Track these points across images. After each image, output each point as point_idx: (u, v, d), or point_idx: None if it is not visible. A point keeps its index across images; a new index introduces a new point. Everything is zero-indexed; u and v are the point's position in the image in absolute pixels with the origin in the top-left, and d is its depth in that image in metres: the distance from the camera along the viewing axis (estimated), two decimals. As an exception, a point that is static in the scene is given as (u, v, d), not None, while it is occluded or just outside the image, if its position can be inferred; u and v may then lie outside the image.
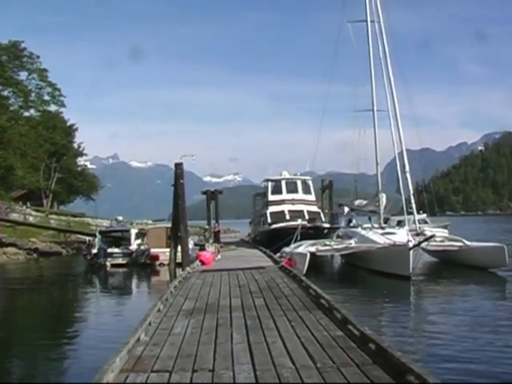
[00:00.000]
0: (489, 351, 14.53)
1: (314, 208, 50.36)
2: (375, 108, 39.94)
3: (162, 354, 10.60)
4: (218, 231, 39.84)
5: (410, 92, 44.37)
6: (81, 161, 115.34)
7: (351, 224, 41.29)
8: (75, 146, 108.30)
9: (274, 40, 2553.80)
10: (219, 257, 34.41)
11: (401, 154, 38.69)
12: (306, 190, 51.30)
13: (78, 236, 65.79)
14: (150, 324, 13.29)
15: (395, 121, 38.47)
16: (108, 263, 43.00)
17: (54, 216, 78.00)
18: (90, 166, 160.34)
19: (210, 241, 42.08)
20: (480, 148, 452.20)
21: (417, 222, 38.11)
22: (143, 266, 42.16)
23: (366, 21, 40.58)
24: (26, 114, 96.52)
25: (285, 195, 50.32)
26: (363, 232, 36.68)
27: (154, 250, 42.44)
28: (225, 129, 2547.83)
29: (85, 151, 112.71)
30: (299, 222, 41.51)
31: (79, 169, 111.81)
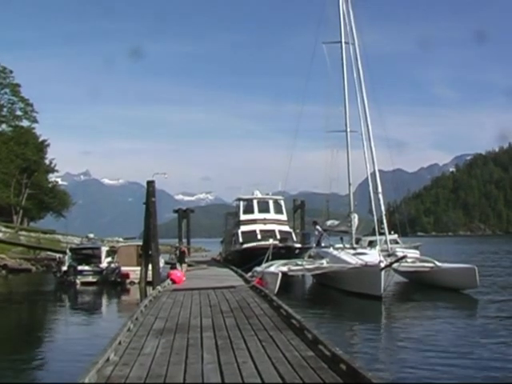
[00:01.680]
0: (459, 372, 14.59)
1: (286, 228, 50.27)
2: (348, 129, 40.08)
3: (131, 374, 10.53)
4: (183, 251, 39.49)
5: (382, 113, 44.52)
6: (52, 177, 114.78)
7: (322, 244, 41.29)
8: (47, 162, 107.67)
9: (249, 60, 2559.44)
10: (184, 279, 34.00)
11: (373, 174, 38.89)
12: (278, 210, 51.21)
13: (48, 253, 65.29)
14: (119, 343, 13.20)
15: (368, 142, 38.71)
16: (78, 281, 42.70)
17: (23, 232, 77.43)
18: (61, 182, 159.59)
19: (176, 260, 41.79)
20: (451, 169, 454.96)
21: (388, 243, 38.27)
22: (113, 284, 41.88)
23: (341, 42, 40.79)
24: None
25: (256, 215, 50.19)
26: (335, 252, 36.69)
27: (124, 268, 42.10)
28: (197, 147, 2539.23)
29: (56, 167, 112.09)
30: (271, 241, 41.42)
31: (50, 185, 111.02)
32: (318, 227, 43.29)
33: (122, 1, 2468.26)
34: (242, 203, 51.65)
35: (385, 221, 38.33)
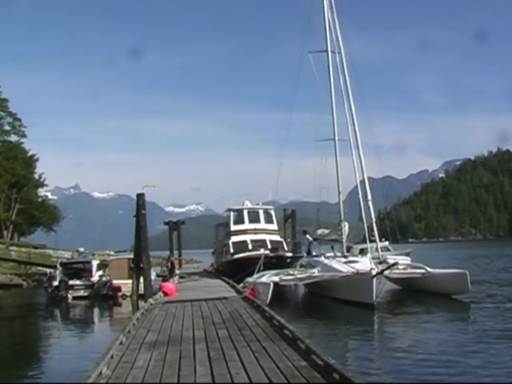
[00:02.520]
0: (453, 378, 14.61)
1: (277, 237, 50.15)
2: (336, 137, 40.14)
3: (124, 387, 10.48)
4: (173, 263, 39.42)
5: (370, 120, 44.66)
6: (42, 191, 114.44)
7: (313, 253, 41.23)
8: (36, 176, 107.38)
9: (237, 70, 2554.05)
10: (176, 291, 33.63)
11: (362, 182, 38.97)
12: (269, 220, 51.10)
13: (39, 268, 65.07)
14: (112, 357, 13.16)
15: (356, 150, 38.82)
16: (69, 295, 42.51)
17: (14, 248, 77.07)
18: (51, 196, 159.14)
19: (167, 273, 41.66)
20: (441, 175, 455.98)
21: (379, 250, 38.33)
22: (105, 297, 41.74)
23: (327, 51, 40.92)
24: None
25: (247, 225, 50.04)
26: (326, 261, 36.68)
27: (116, 282, 41.90)
28: (187, 158, 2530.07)
29: (46, 182, 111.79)
30: (262, 251, 41.26)
31: (40, 200, 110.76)
32: (307, 236, 43.25)
33: (112, 14, 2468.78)
34: (232, 214, 51.54)
35: (375, 228, 38.37)
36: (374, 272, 29.65)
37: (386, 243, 51.01)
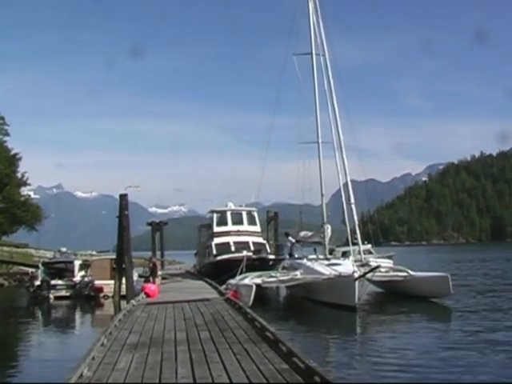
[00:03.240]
0: (434, 380, 14.68)
1: (260, 239, 50.10)
2: (320, 140, 40.21)
3: (105, 389, 10.45)
4: (154, 263, 39.26)
5: (353, 123, 44.70)
6: (24, 190, 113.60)
7: (295, 255, 41.25)
8: (19, 175, 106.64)
9: (222, 72, 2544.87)
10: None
11: (346, 185, 39.08)
12: (252, 222, 51.06)
13: (21, 267, 64.75)
14: (93, 359, 13.11)
15: (340, 152, 38.91)
16: (51, 295, 42.28)
17: (-5, 247, 76.65)
18: (33, 195, 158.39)
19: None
20: (424, 179, 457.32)
21: (362, 253, 38.42)
22: (87, 298, 41.57)
23: (311, 54, 41.03)
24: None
25: (230, 227, 50.00)
26: (308, 263, 36.71)
27: (98, 282, 41.73)
28: (170, 159, 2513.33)
29: (28, 181, 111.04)
30: (244, 253, 41.26)
31: (22, 199, 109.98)
32: (290, 238, 43.29)
33: (107, 14, 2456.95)
34: (215, 215, 51.50)
35: (358, 231, 38.50)
36: (356, 275, 29.71)
37: (369, 246, 51.21)
